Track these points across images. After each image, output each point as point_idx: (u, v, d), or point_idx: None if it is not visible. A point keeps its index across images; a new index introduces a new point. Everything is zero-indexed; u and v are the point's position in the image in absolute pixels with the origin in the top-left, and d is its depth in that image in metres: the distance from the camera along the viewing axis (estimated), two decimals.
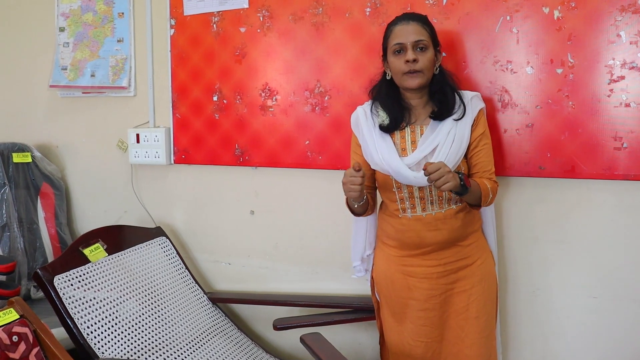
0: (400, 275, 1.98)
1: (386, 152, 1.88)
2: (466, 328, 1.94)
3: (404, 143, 1.90)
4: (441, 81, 1.89)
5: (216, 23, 2.57)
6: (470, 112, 1.87)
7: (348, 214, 2.44)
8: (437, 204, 1.89)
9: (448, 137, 1.83)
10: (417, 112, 1.92)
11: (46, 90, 3.04)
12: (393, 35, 1.86)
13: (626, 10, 1.88)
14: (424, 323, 1.96)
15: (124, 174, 2.92)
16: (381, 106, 1.93)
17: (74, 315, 2.04)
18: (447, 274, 1.93)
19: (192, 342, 2.31)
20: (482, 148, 1.89)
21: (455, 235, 1.91)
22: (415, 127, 1.91)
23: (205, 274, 2.80)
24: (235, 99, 2.57)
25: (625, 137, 1.92)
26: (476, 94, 1.93)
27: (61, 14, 2.98)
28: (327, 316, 2.32)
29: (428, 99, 1.92)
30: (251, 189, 2.63)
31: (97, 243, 2.32)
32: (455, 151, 1.83)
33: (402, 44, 1.82)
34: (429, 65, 1.83)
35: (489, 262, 2.01)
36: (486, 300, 1.95)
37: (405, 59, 1.81)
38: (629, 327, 2.03)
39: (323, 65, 2.38)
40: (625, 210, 1.99)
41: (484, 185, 1.83)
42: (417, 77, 1.82)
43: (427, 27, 1.85)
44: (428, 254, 1.93)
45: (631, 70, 1.90)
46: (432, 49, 1.84)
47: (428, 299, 1.95)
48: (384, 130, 1.91)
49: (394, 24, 1.88)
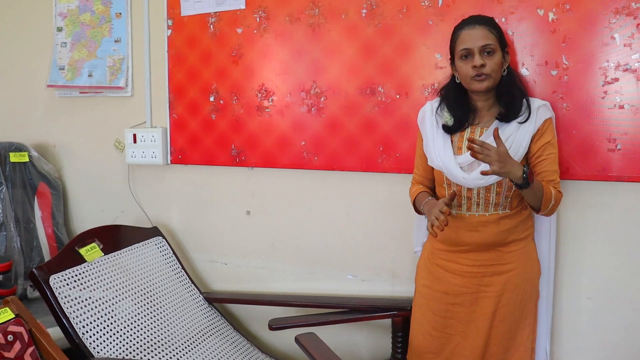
0: (437, 268, 2.01)
1: (442, 149, 1.91)
2: (492, 331, 1.94)
3: (461, 142, 1.91)
4: (509, 83, 1.87)
5: (213, 24, 2.58)
6: (534, 120, 1.84)
7: (344, 215, 2.46)
8: (482, 207, 1.89)
9: (506, 142, 1.80)
10: (482, 114, 1.92)
11: (44, 90, 3.05)
12: (460, 40, 1.84)
13: (620, 13, 1.89)
14: (450, 316, 1.98)
15: (120, 173, 2.93)
16: (447, 107, 1.94)
17: (69, 315, 2.04)
18: (481, 275, 1.93)
19: (188, 342, 2.31)
20: (546, 157, 1.85)
21: (494, 240, 1.90)
22: (476, 128, 1.90)
23: (202, 274, 2.80)
24: (232, 100, 2.57)
25: (619, 138, 1.93)
26: (545, 103, 1.89)
27: (59, 13, 2.98)
28: (322, 316, 2.32)
29: (494, 101, 1.90)
30: (247, 189, 2.64)
31: (94, 243, 2.32)
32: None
33: (469, 49, 1.81)
34: (496, 68, 1.81)
35: (531, 271, 1.96)
36: (516, 308, 1.92)
37: (473, 64, 1.80)
38: (624, 328, 2.04)
39: (319, 66, 2.39)
40: (619, 212, 2.00)
41: (548, 189, 1.79)
42: (484, 80, 1.80)
43: (494, 29, 1.83)
44: (466, 252, 1.94)
45: (625, 72, 1.91)
46: (500, 52, 1.82)
47: (458, 294, 1.96)
48: (446, 131, 1.92)
49: (461, 28, 1.86)
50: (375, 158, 2.32)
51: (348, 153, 2.37)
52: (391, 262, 2.38)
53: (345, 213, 2.44)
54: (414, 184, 2.11)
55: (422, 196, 2.00)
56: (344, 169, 2.39)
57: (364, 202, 2.41)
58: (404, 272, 2.36)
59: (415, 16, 2.20)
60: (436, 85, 2.17)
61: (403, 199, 2.29)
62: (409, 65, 2.23)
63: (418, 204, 2.01)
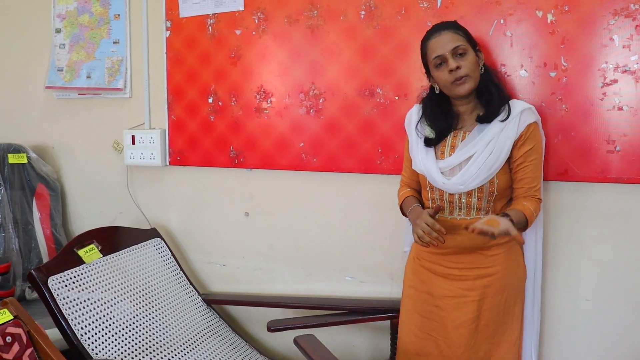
0: (422, 269, 2.02)
1: (424, 154, 1.93)
2: (477, 336, 1.94)
3: (444, 147, 1.92)
4: (486, 81, 1.87)
5: (212, 25, 2.57)
6: (516, 125, 1.82)
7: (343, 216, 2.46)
8: (464, 211, 1.90)
9: (487, 148, 1.81)
10: (463, 118, 1.92)
11: (42, 91, 3.05)
12: (430, 50, 1.85)
13: (619, 14, 1.89)
14: (435, 319, 1.98)
15: (119, 175, 2.93)
16: (427, 120, 1.94)
17: (68, 316, 2.04)
18: (463, 278, 1.93)
19: (187, 344, 2.31)
20: (529, 164, 1.84)
21: (475, 243, 1.89)
22: (459, 133, 1.91)
23: (200, 276, 2.80)
24: (231, 101, 2.57)
25: (618, 140, 1.93)
26: (529, 106, 1.86)
27: (57, 15, 2.98)
28: (321, 318, 2.32)
29: (476, 103, 1.90)
30: (246, 190, 2.64)
31: (92, 244, 2.32)
32: (490, 164, 1.81)
33: (441, 56, 1.81)
34: (473, 67, 1.81)
35: (515, 275, 1.95)
36: (500, 311, 1.92)
37: (449, 68, 1.80)
38: (621, 329, 2.03)
39: (318, 68, 2.39)
40: (618, 214, 2.00)
41: (528, 211, 1.81)
42: (465, 82, 1.81)
43: (459, 31, 1.84)
44: (448, 255, 1.95)
45: (624, 74, 1.91)
46: (472, 51, 1.83)
47: (441, 297, 1.96)
48: (427, 145, 1.93)
49: (427, 38, 1.87)
50: (374, 159, 2.32)
51: (347, 154, 2.37)
52: (390, 264, 2.38)
53: (344, 214, 2.44)
54: (402, 186, 2.12)
55: (408, 201, 2.02)
56: (343, 170, 2.39)
57: (363, 204, 2.40)
58: (402, 273, 2.34)
59: (414, 17, 2.20)
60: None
61: None
62: (407, 66, 2.23)
63: (405, 208, 2.02)
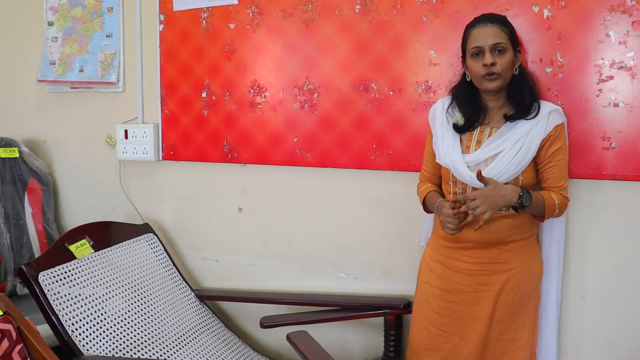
0: (438, 264, 2.01)
1: (451, 147, 1.91)
2: (490, 332, 1.93)
3: (470, 141, 1.91)
4: (520, 82, 1.86)
5: (205, 19, 2.55)
6: (544, 125, 1.82)
7: (337, 212, 2.44)
8: None
9: (515, 146, 1.81)
10: (492, 114, 1.91)
11: (34, 85, 3.02)
12: (471, 38, 1.84)
13: (615, 10, 1.88)
14: (449, 314, 1.97)
15: (112, 170, 2.91)
16: (458, 106, 1.93)
17: (58, 312, 2.02)
18: (480, 273, 1.92)
19: (179, 340, 2.30)
20: (555, 164, 1.84)
21: (495, 238, 1.89)
22: (486, 128, 1.90)
23: (193, 271, 2.79)
24: (224, 96, 2.55)
25: (613, 137, 1.92)
26: (556, 108, 1.86)
27: (50, 8, 2.95)
28: (314, 314, 2.31)
29: (505, 101, 1.89)
30: (239, 186, 2.62)
31: (84, 239, 2.30)
32: (517, 162, 1.81)
33: (480, 47, 1.80)
34: (506, 67, 1.80)
35: (532, 271, 1.94)
36: (514, 307, 1.91)
37: (483, 62, 1.79)
38: (617, 327, 2.03)
39: (312, 63, 2.37)
40: (613, 210, 2.00)
41: (551, 201, 1.81)
42: (495, 79, 1.80)
43: (505, 28, 1.82)
44: (466, 249, 1.94)
45: (620, 70, 1.90)
46: (511, 51, 1.81)
47: (458, 292, 1.95)
48: (457, 130, 1.92)
49: (472, 26, 1.85)
50: (368, 155, 2.30)
51: (341, 150, 2.35)
52: (384, 260, 2.37)
53: (338, 210, 2.43)
54: (422, 181, 2.11)
55: (432, 196, 2.00)
56: (337, 166, 2.37)
57: (357, 200, 2.39)
58: (396, 270, 2.35)
59: (410, 12, 2.18)
60: (430, 82, 2.17)
61: (396, 197, 2.29)
62: (402, 61, 2.21)
63: (429, 204, 2.01)
